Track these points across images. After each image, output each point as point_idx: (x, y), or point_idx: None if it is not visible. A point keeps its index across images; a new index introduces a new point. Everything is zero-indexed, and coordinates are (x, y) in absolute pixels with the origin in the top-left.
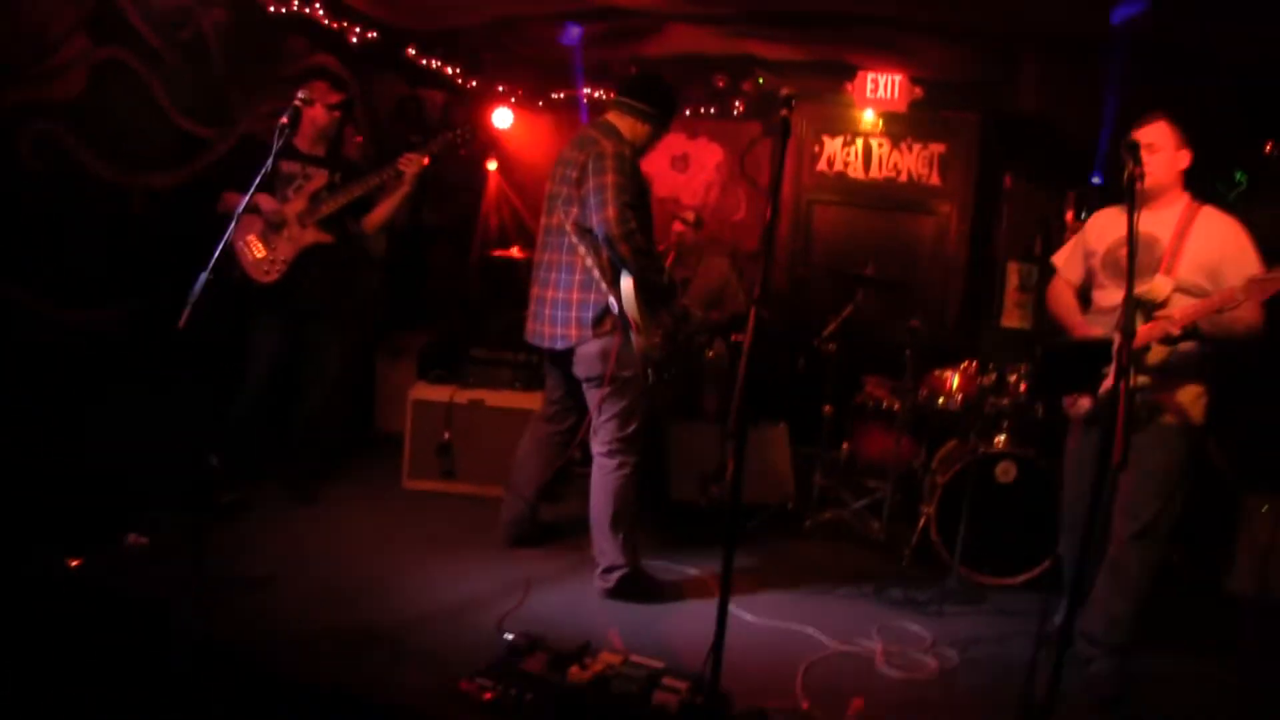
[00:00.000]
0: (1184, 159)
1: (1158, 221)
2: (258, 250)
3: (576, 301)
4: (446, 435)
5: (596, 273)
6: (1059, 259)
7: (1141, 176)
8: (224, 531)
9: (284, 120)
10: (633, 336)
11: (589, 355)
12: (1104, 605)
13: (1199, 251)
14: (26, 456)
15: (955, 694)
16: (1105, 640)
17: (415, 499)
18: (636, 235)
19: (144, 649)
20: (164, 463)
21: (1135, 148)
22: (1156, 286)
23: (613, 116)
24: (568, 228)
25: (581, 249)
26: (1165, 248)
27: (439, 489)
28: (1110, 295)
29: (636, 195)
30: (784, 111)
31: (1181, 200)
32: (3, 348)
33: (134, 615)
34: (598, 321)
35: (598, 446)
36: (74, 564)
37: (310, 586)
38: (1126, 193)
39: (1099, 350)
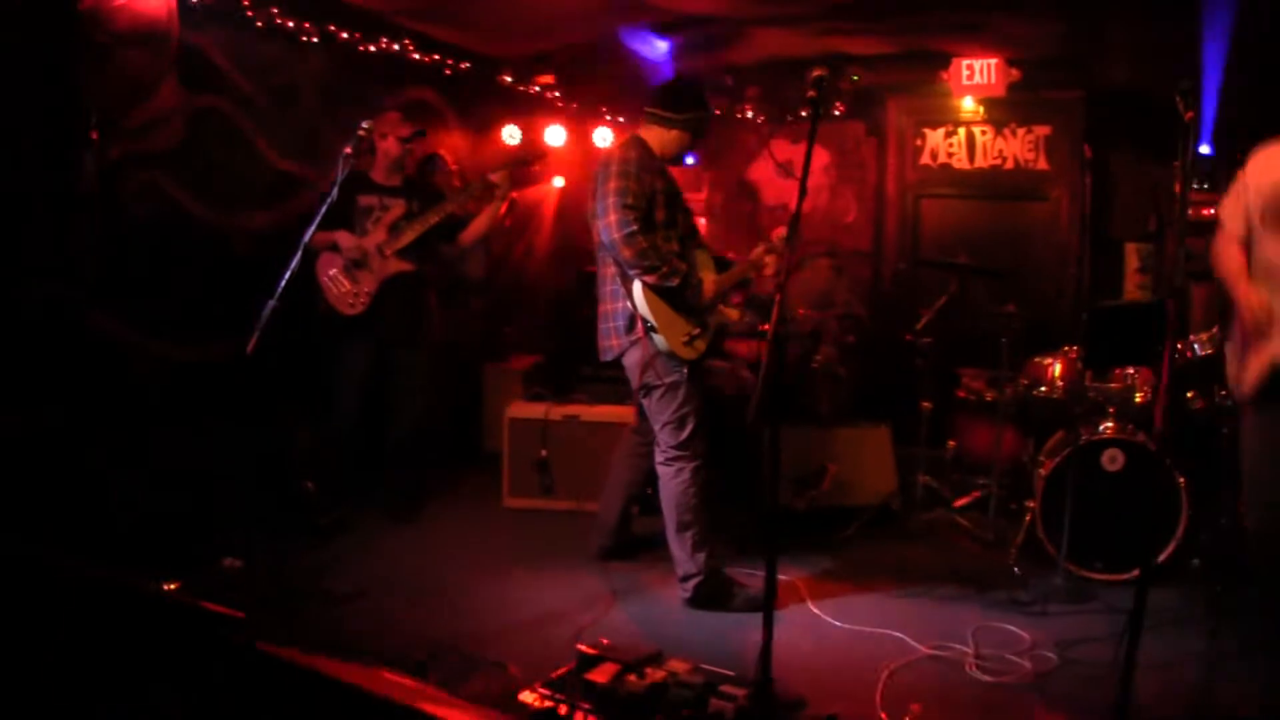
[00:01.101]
0: None
1: None
2: (342, 284)
3: (611, 312)
4: (544, 452)
5: (620, 280)
6: (1224, 212)
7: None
8: (319, 552)
9: (347, 150)
10: (655, 337)
11: (631, 365)
12: None
13: None
14: (131, 487)
15: (1047, 698)
16: None
17: (514, 516)
18: (638, 238)
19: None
20: (264, 490)
21: (1187, 93)
22: None
23: (641, 129)
24: (597, 239)
25: (610, 259)
26: None
27: (538, 506)
28: (1267, 248)
29: (646, 197)
30: (810, 93)
31: None
32: (112, 383)
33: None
34: (629, 328)
35: (657, 456)
36: (171, 588)
37: (396, 601)
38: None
39: (1152, 312)
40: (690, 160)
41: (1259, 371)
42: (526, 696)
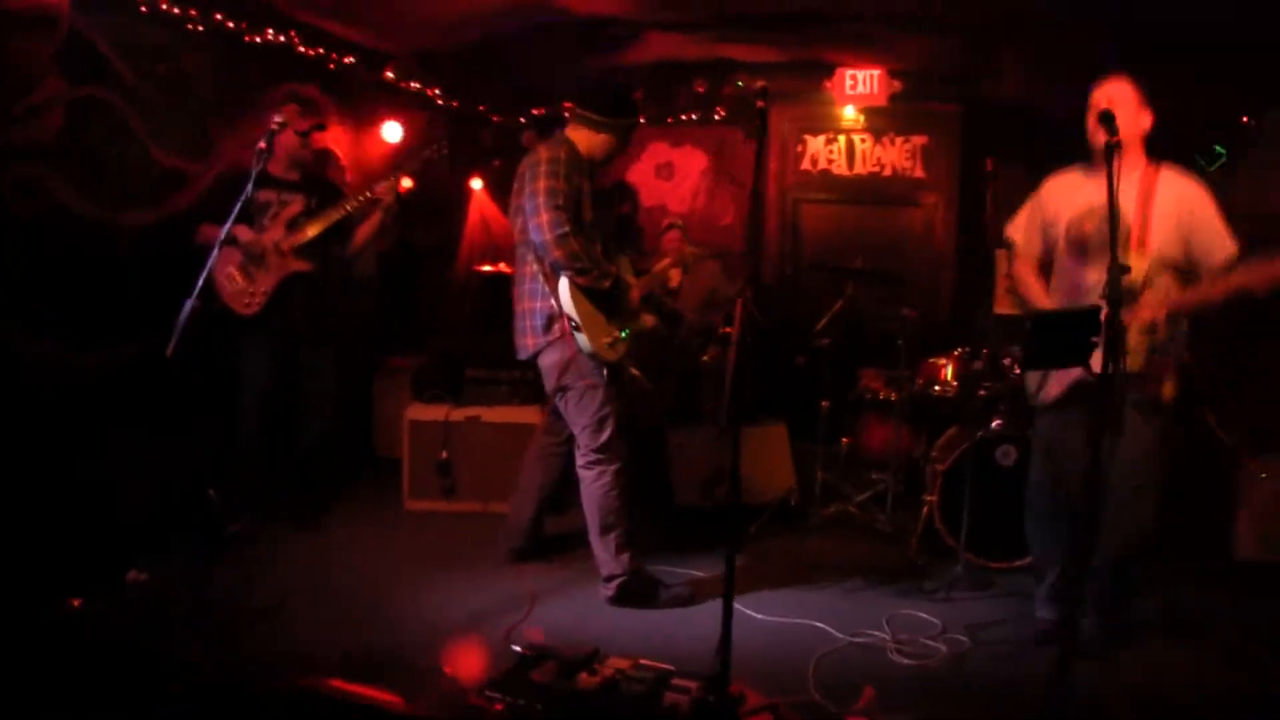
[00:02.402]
0: (1145, 120)
1: (1118, 190)
2: (237, 282)
3: (530, 310)
4: (444, 454)
5: (542, 279)
6: (1015, 232)
7: (1118, 145)
8: (228, 563)
9: (261, 145)
10: (579, 337)
11: (546, 366)
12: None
13: (1167, 218)
14: (26, 499)
15: (969, 677)
16: (1093, 602)
17: (417, 519)
18: (570, 239)
19: (143, 686)
20: (165, 499)
21: (1110, 118)
22: (1133, 267)
23: (569, 129)
24: (518, 239)
25: (530, 257)
26: (1133, 219)
27: (440, 508)
28: (1076, 274)
29: (574, 198)
30: (759, 103)
31: (1140, 164)
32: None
33: (132, 654)
34: (547, 327)
35: (578, 459)
36: (75, 603)
37: (317, 612)
38: (1106, 162)
39: (1089, 318)
40: None
41: (1061, 387)
42: (476, 701)
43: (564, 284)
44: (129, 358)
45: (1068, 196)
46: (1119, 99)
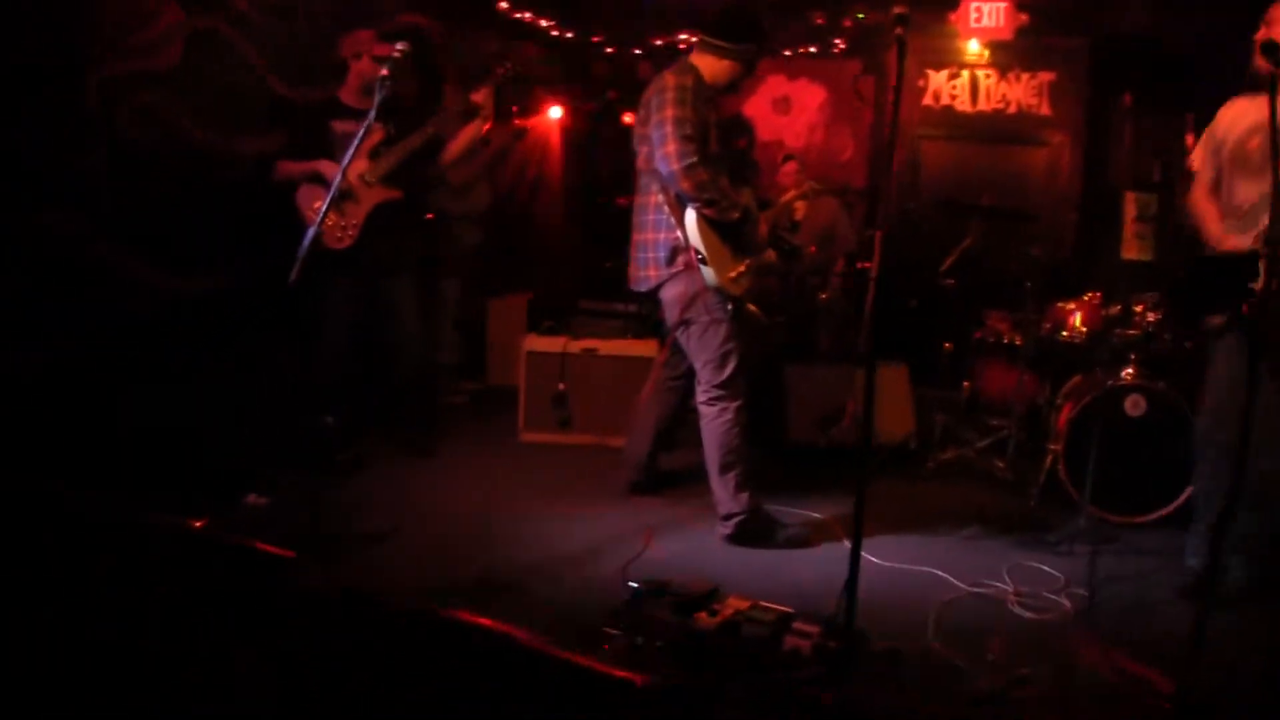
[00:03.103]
0: None
1: None
2: (328, 217)
3: (652, 242)
4: (561, 386)
5: (666, 209)
6: (1196, 163)
7: None
8: (342, 489)
9: (384, 72)
10: (705, 270)
11: (669, 299)
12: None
13: None
14: (144, 424)
15: (1093, 635)
16: (1238, 548)
17: (532, 451)
18: (698, 169)
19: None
20: (280, 424)
21: (1275, 48)
22: None
23: (694, 56)
24: (642, 168)
25: (654, 187)
26: None
27: (555, 440)
28: (1238, 192)
29: (702, 128)
30: (898, 29)
31: None
32: (114, 317)
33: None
34: (671, 259)
35: (699, 395)
36: (198, 525)
37: (431, 539)
38: (1270, 93)
39: (1246, 264)
40: None
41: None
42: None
43: (691, 215)
44: (240, 283)
45: (1236, 117)
46: None
